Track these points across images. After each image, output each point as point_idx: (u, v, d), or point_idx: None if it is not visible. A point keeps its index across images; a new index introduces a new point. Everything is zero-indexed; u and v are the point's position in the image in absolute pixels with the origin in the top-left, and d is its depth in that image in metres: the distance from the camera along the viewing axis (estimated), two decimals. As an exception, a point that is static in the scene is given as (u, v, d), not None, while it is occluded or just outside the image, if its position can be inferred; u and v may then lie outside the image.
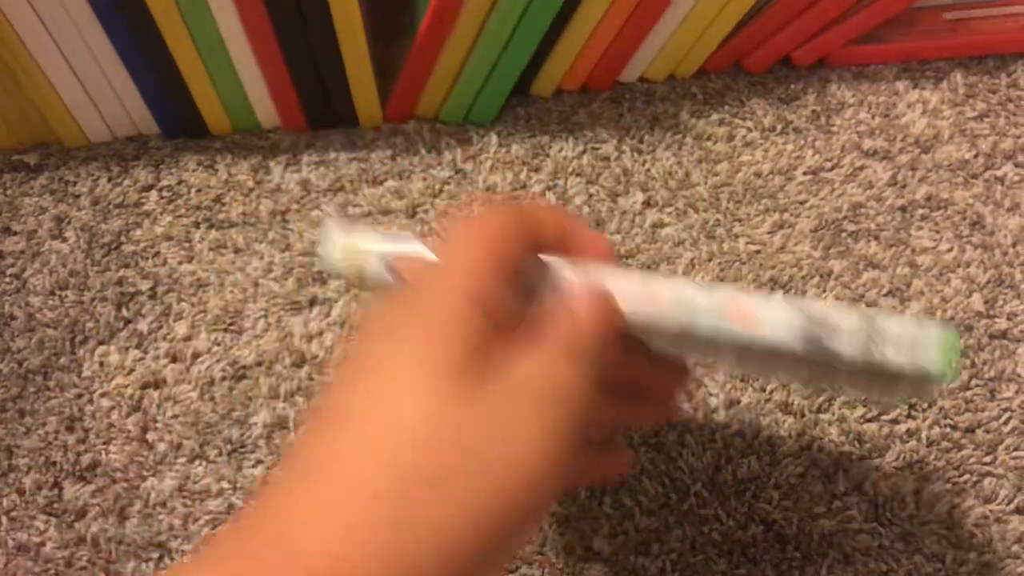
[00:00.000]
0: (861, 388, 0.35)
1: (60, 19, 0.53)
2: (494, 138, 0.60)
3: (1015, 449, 0.48)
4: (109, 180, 0.59)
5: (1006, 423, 0.49)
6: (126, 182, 0.59)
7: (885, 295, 0.53)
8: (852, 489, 0.47)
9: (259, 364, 0.51)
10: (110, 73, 0.57)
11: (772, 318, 0.32)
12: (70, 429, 0.50)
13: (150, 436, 0.50)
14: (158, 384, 0.51)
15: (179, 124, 0.60)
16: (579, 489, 0.47)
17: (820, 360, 0.32)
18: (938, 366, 0.31)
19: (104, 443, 0.49)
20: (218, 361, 0.52)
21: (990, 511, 0.46)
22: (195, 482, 0.48)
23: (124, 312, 0.54)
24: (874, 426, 0.49)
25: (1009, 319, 0.52)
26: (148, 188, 0.59)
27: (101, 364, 0.52)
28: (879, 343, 0.31)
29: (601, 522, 0.47)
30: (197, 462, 0.49)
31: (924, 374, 0.31)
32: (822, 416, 0.49)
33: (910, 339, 0.31)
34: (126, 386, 0.51)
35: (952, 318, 0.52)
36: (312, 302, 0.54)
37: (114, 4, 0.52)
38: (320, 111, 0.60)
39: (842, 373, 0.33)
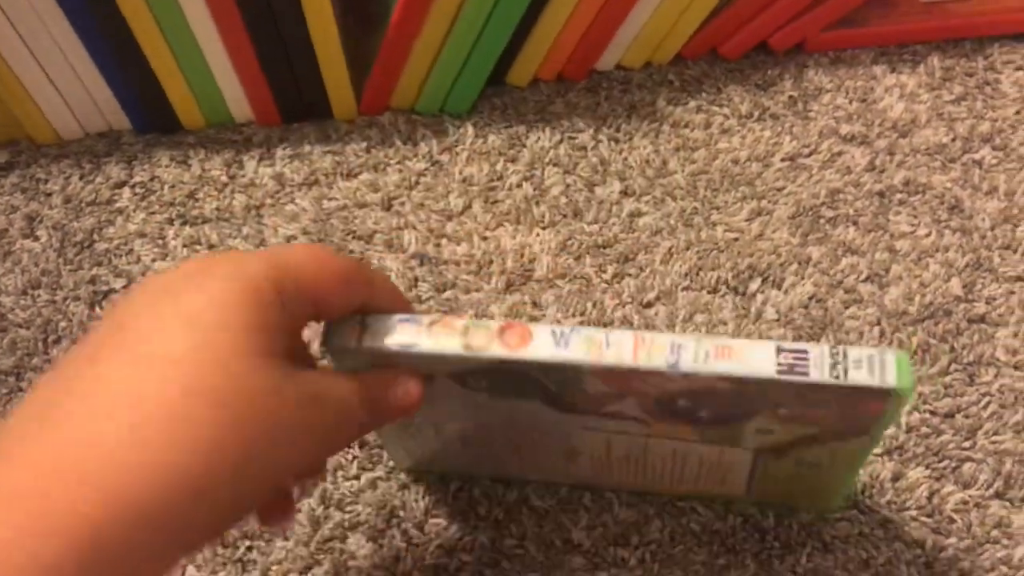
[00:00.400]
0: (831, 424, 0.36)
1: (26, 15, 0.52)
2: (470, 129, 0.59)
3: (994, 434, 0.48)
4: (81, 177, 0.58)
5: (985, 408, 0.48)
6: (98, 179, 0.58)
7: (864, 281, 0.53)
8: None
9: (234, 361, 0.51)
10: (79, 69, 0.56)
11: (751, 349, 0.34)
12: (44, 430, 0.49)
13: (125, 436, 0.49)
14: (133, 383, 0.51)
15: (151, 119, 0.60)
16: (561, 484, 0.47)
17: (793, 385, 0.33)
18: (900, 381, 0.33)
19: (78, 443, 0.49)
20: (193, 359, 0.51)
21: (969, 496, 0.46)
22: (171, 481, 0.48)
23: (98, 311, 0.53)
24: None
25: (988, 303, 0.52)
26: (120, 185, 0.58)
27: (74, 364, 0.51)
28: (843, 363, 0.33)
29: (580, 514, 0.46)
30: (173, 461, 0.48)
31: (886, 389, 0.33)
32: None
33: (869, 359, 0.33)
34: (100, 385, 0.51)
35: (931, 303, 0.52)
36: (287, 297, 0.53)
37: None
38: (293, 104, 0.59)
39: (813, 405, 0.35)
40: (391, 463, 0.48)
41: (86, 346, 0.30)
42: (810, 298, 0.52)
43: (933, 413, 0.48)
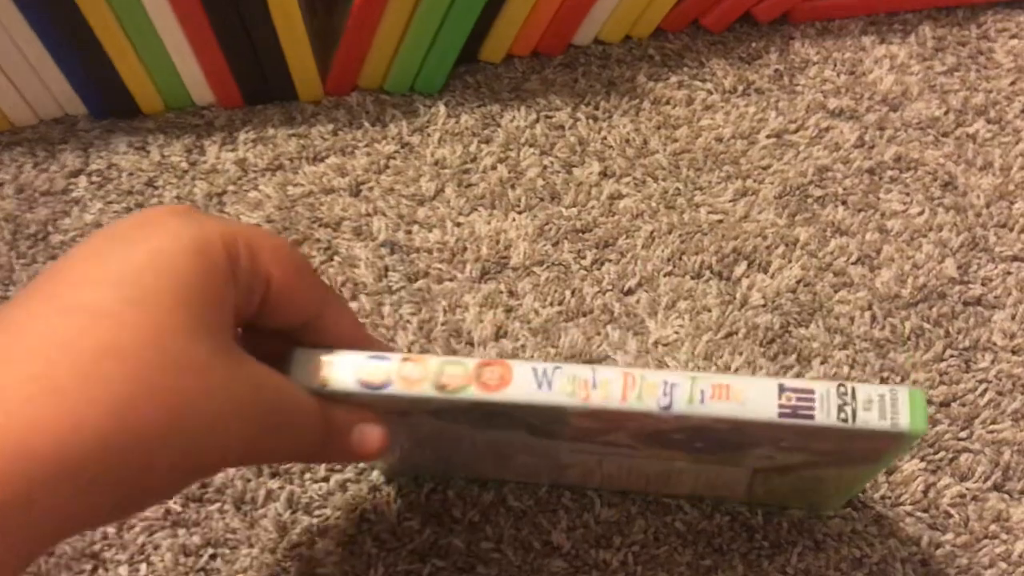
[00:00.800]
0: (836, 454, 0.34)
1: (-32, -4, 0.49)
2: (442, 108, 0.57)
3: (992, 422, 0.46)
4: (35, 166, 0.56)
5: (982, 395, 0.46)
6: (53, 168, 0.56)
7: (854, 263, 0.50)
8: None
9: (196, 358, 0.48)
10: (29, 53, 0.53)
11: (750, 388, 0.31)
12: (-5, 435, 0.47)
13: (81, 439, 0.47)
14: (89, 383, 0.48)
15: (108, 104, 0.57)
16: (541, 483, 0.45)
17: (795, 429, 0.31)
18: (913, 424, 0.31)
19: (32, 449, 0.46)
20: (152, 357, 0.49)
21: (967, 489, 0.44)
22: (130, 487, 0.45)
23: (52, 307, 0.51)
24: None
25: (984, 284, 0.50)
26: (76, 173, 0.55)
27: (28, 364, 0.49)
28: (851, 404, 0.31)
29: (560, 515, 0.44)
30: (131, 466, 0.46)
31: (897, 432, 0.31)
32: (790, 394, 0.47)
33: (880, 399, 0.31)
34: (55, 386, 0.48)
35: (924, 285, 0.49)
36: (251, 290, 0.51)
37: (23, -22, 0.49)
38: (256, 86, 0.56)
39: (818, 441, 0.33)
40: (361, 464, 0.46)
41: (21, 291, 0.29)
42: (798, 282, 0.50)
43: (928, 402, 0.46)
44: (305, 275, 0.33)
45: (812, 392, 0.31)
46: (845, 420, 0.31)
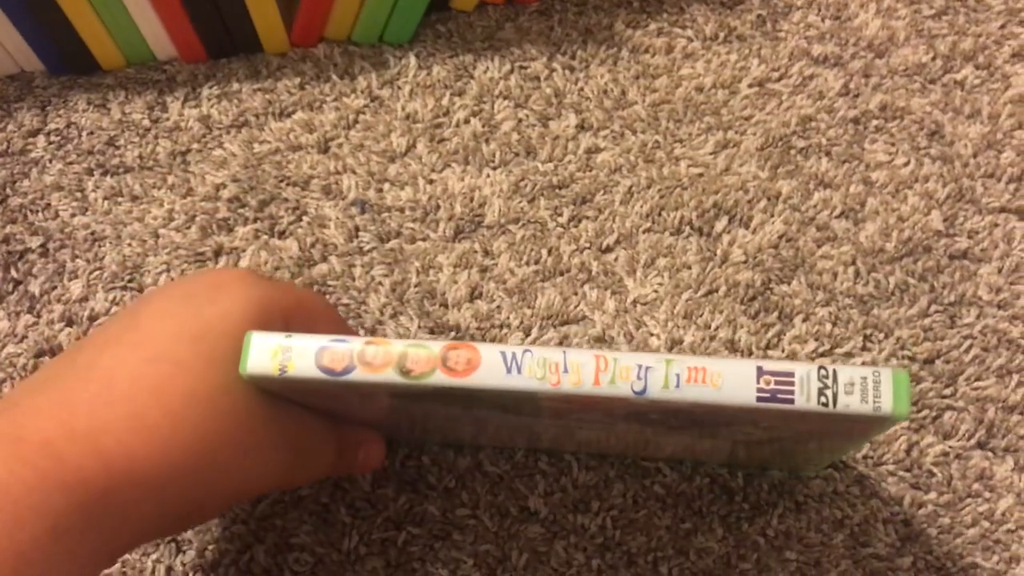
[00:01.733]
0: (816, 432, 0.33)
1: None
2: (412, 59, 0.54)
3: (976, 379, 0.45)
4: (-10, 126, 0.54)
5: (967, 351, 0.45)
6: (10, 127, 0.54)
7: (837, 216, 0.49)
8: (804, 431, 0.44)
9: (162, 324, 0.47)
10: (-21, 6, 0.51)
11: (728, 371, 0.30)
12: (-43, 407, 0.46)
13: (45, 410, 0.45)
14: (53, 351, 0.47)
15: (66, 61, 0.55)
16: (516, 448, 0.44)
17: (774, 412, 0.30)
18: (896, 408, 0.30)
19: (-5, 420, 0.45)
20: (116, 323, 0.47)
21: (950, 447, 0.43)
22: (96, 458, 0.44)
23: (13, 273, 0.49)
24: (826, 361, 0.45)
25: (970, 237, 0.48)
26: (34, 133, 0.53)
27: (-12, 333, 0.47)
28: (832, 387, 0.30)
29: (536, 479, 0.43)
30: (98, 436, 0.45)
31: (880, 416, 0.30)
32: (771, 353, 0.46)
33: (862, 382, 0.30)
34: (18, 355, 0.47)
35: (909, 239, 0.48)
36: (218, 252, 0.49)
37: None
38: (219, 38, 0.54)
39: (798, 423, 0.32)
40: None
41: (100, 336, 0.34)
42: (780, 237, 0.48)
43: (912, 359, 0.45)
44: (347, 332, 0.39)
45: (791, 375, 0.30)
46: (825, 404, 0.29)
